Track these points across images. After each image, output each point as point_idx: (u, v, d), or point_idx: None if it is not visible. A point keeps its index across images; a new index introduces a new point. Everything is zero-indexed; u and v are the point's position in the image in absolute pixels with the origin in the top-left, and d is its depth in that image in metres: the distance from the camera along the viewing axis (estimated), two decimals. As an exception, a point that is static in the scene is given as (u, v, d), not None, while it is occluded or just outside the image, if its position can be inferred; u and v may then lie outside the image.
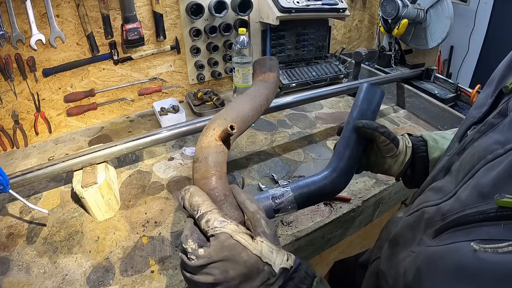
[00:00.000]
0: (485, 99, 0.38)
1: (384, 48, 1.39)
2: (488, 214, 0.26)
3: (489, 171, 0.29)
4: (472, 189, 0.30)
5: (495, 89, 0.37)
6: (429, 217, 0.34)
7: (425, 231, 0.34)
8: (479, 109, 0.38)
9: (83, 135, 1.03)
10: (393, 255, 0.40)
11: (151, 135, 0.77)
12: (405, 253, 0.36)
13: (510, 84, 0.34)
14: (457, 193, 0.32)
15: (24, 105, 0.94)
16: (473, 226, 0.27)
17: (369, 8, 1.66)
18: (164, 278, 0.58)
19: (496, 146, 0.30)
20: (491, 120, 0.34)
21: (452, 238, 0.29)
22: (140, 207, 0.74)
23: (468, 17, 2.52)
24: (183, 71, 1.20)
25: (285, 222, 0.70)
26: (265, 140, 0.99)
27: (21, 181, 0.66)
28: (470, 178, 0.31)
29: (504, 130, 0.30)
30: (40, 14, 0.87)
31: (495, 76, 0.39)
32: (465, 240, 0.26)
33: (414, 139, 0.56)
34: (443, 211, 0.32)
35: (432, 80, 1.25)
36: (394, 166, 0.54)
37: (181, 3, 1.08)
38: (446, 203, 0.33)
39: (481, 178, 0.29)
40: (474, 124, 0.38)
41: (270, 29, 1.25)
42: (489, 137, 0.33)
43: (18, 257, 0.62)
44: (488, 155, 0.30)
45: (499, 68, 0.39)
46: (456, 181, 0.34)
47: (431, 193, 0.38)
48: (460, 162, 0.35)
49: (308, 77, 1.28)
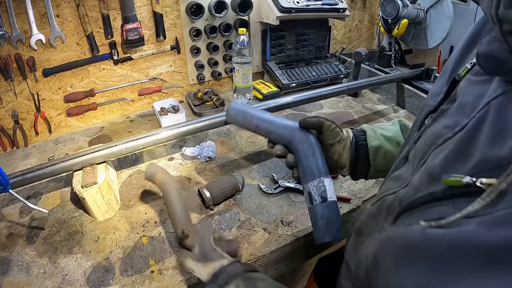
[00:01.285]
0: (440, 87, 0.39)
1: (384, 48, 1.39)
2: (437, 194, 0.27)
3: (438, 154, 0.30)
4: (422, 173, 0.31)
5: (449, 77, 0.38)
6: (389, 204, 0.36)
7: (386, 218, 0.35)
8: (435, 98, 0.39)
9: (83, 135, 1.03)
10: (357, 244, 0.42)
11: (151, 135, 0.77)
12: (368, 241, 0.37)
13: (463, 71, 0.35)
14: (412, 180, 0.33)
15: (24, 105, 0.94)
16: (425, 207, 0.28)
17: (369, 8, 1.66)
18: (164, 278, 0.58)
19: (446, 130, 0.31)
20: (442, 106, 0.35)
21: (406, 222, 0.30)
22: (140, 207, 0.74)
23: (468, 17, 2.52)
24: (183, 71, 1.20)
25: (285, 222, 0.70)
26: (265, 140, 0.98)
27: (21, 181, 0.66)
28: (423, 164, 0.32)
29: (453, 114, 0.32)
30: (40, 14, 0.87)
31: (448, 65, 0.40)
32: (416, 221, 0.27)
33: (354, 129, 0.57)
34: (400, 197, 0.33)
35: (432, 80, 1.25)
36: (344, 152, 0.54)
37: (181, 3, 1.08)
38: (403, 190, 0.34)
39: (430, 162, 0.30)
40: (430, 113, 0.39)
41: (270, 29, 1.25)
42: (439, 122, 0.33)
43: (18, 257, 0.62)
44: (438, 140, 0.31)
45: (452, 56, 0.40)
46: (412, 168, 0.35)
47: (392, 182, 0.39)
48: (415, 150, 0.37)
49: (308, 77, 1.28)
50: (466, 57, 0.38)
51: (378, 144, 0.54)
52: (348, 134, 0.55)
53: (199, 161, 0.89)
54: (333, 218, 0.48)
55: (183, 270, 0.59)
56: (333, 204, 0.49)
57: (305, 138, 0.51)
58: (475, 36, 0.38)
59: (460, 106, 0.31)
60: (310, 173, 0.50)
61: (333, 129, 0.53)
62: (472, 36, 0.38)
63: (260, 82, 1.31)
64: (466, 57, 0.38)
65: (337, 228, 0.48)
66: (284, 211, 0.73)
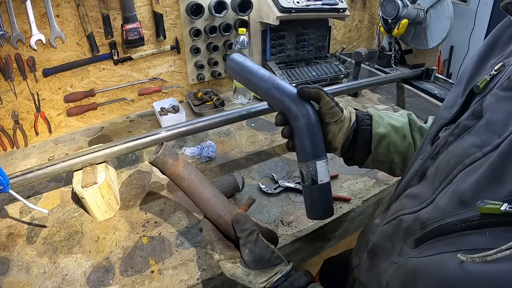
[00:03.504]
0: (455, 99, 0.37)
1: (384, 48, 1.39)
2: (472, 222, 0.25)
3: (467, 176, 0.28)
4: (451, 195, 0.29)
5: (464, 88, 0.36)
6: (408, 226, 0.33)
7: (405, 240, 0.33)
8: (449, 109, 0.37)
9: (83, 135, 1.03)
10: (373, 266, 0.39)
11: (151, 135, 0.77)
12: (386, 264, 0.35)
13: (481, 83, 0.33)
14: (435, 200, 0.31)
15: (24, 105, 0.94)
16: (456, 235, 0.26)
17: (369, 8, 1.66)
18: (164, 278, 0.58)
19: (473, 149, 0.29)
20: (465, 122, 0.33)
21: (435, 249, 0.28)
22: (140, 207, 0.74)
23: (468, 17, 2.52)
24: (183, 71, 1.20)
25: (285, 222, 0.70)
26: (265, 140, 0.99)
27: (21, 181, 0.66)
28: (447, 184, 0.30)
29: (481, 132, 0.29)
30: (40, 14, 0.87)
31: (463, 76, 0.38)
32: (449, 250, 0.25)
33: (359, 111, 0.52)
34: (422, 219, 0.31)
35: (432, 80, 1.25)
36: (339, 135, 0.50)
37: (181, 3, 1.08)
38: (424, 210, 0.32)
39: (460, 184, 0.28)
40: (445, 125, 0.37)
41: (270, 29, 1.25)
42: (464, 140, 0.31)
43: (18, 257, 0.62)
44: (465, 159, 0.29)
45: (467, 67, 0.38)
46: (433, 187, 0.33)
47: (408, 200, 0.37)
48: (436, 167, 0.34)
49: (308, 77, 1.28)
50: (483, 68, 0.36)
51: (384, 133, 0.50)
52: (349, 117, 0.50)
53: (199, 161, 0.89)
54: (320, 201, 0.49)
55: (183, 270, 0.59)
56: (323, 187, 0.48)
57: (301, 113, 0.47)
58: (491, 47, 0.36)
59: (489, 124, 0.29)
60: (303, 153, 0.48)
61: (331, 107, 0.48)
62: (488, 47, 0.37)
63: (260, 82, 1.30)
64: (482, 68, 0.36)
65: (323, 210, 0.49)
66: (284, 211, 0.73)
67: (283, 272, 0.41)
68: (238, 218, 0.46)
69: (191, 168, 0.53)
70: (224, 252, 0.45)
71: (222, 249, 0.45)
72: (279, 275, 0.41)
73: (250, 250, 0.43)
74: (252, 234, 0.44)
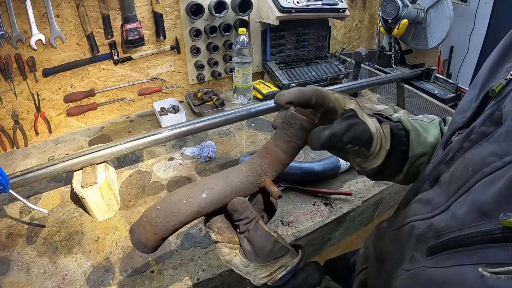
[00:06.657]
0: (469, 103, 0.36)
1: (384, 48, 1.40)
2: (494, 235, 0.24)
3: (488, 186, 0.27)
4: (470, 206, 0.27)
5: (479, 92, 0.35)
6: (420, 233, 0.32)
7: (416, 247, 0.32)
8: (463, 113, 0.36)
9: (83, 135, 1.03)
10: (381, 271, 0.39)
11: (151, 135, 0.77)
12: (396, 271, 0.34)
13: (497, 87, 0.31)
14: (451, 209, 0.30)
15: (24, 105, 0.94)
16: (476, 247, 0.25)
17: (369, 8, 1.66)
18: (164, 278, 0.58)
19: (493, 158, 0.27)
20: (483, 128, 0.31)
21: (452, 260, 0.27)
22: (140, 207, 0.74)
23: (468, 17, 2.53)
24: (183, 71, 1.20)
25: (285, 222, 0.70)
26: (265, 140, 0.99)
27: (21, 181, 0.66)
28: (465, 192, 0.29)
29: (501, 140, 0.28)
30: (40, 14, 0.87)
31: (478, 80, 0.37)
32: (469, 263, 0.24)
33: (394, 127, 0.44)
34: (437, 227, 0.30)
35: (432, 80, 1.25)
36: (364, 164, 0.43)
37: (181, 3, 1.08)
38: (439, 218, 0.31)
39: (480, 194, 0.27)
40: (458, 130, 0.36)
41: (270, 29, 1.25)
42: (483, 147, 0.30)
43: (18, 257, 0.62)
44: (484, 168, 0.28)
45: (482, 70, 0.37)
46: (448, 194, 0.31)
47: (419, 206, 0.35)
48: (451, 173, 0.33)
49: (308, 77, 1.28)
50: (498, 72, 0.35)
51: (421, 153, 0.44)
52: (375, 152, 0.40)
53: (199, 161, 0.89)
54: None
55: (183, 270, 0.59)
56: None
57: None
58: (507, 50, 0.35)
59: (510, 132, 0.27)
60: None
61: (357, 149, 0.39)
62: (503, 49, 0.36)
63: (260, 82, 1.31)
64: (498, 72, 0.35)
65: None
66: (284, 211, 0.73)
67: (288, 267, 0.37)
68: (234, 207, 0.38)
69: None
70: (222, 233, 0.39)
71: (220, 229, 0.39)
72: (283, 271, 0.37)
73: (249, 240, 0.38)
74: (251, 222, 0.38)
